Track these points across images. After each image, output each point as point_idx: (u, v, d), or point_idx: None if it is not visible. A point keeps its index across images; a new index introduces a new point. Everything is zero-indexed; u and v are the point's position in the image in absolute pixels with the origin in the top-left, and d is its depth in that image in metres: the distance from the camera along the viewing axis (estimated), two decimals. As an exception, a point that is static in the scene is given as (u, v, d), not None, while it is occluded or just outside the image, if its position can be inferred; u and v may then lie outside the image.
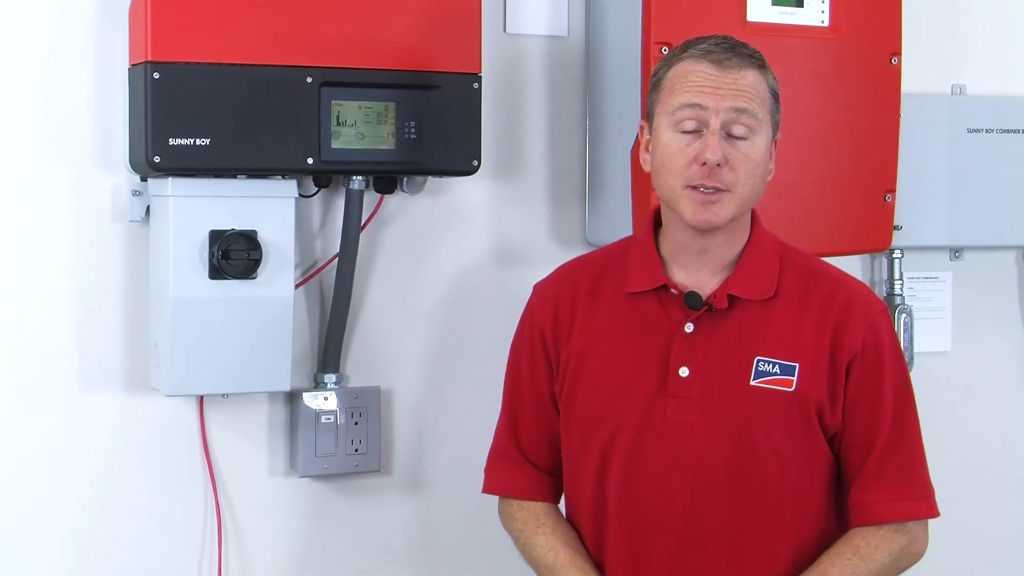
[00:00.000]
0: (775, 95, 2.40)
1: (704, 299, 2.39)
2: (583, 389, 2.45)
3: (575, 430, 2.47)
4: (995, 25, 3.52)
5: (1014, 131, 3.44)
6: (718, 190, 2.33)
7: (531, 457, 2.55)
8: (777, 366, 2.36)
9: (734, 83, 2.34)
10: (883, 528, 2.38)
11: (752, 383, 2.36)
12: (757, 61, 2.38)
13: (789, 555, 2.39)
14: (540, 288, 2.57)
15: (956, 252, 3.52)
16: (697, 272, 2.41)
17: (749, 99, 2.34)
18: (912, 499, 2.40)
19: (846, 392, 2.38)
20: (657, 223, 2.48)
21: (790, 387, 2.36)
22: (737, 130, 2.33)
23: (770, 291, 2.40)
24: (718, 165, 2.31)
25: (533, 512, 2.53)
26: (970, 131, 3.41)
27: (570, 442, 2.49)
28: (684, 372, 2.37)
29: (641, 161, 2.46)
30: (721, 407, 2.36)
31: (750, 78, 2.36)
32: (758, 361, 2.37)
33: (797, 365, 2.36)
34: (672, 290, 2.41)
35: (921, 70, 3.31)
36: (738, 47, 2.38)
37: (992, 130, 3.43)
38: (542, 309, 2.53)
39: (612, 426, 2.41)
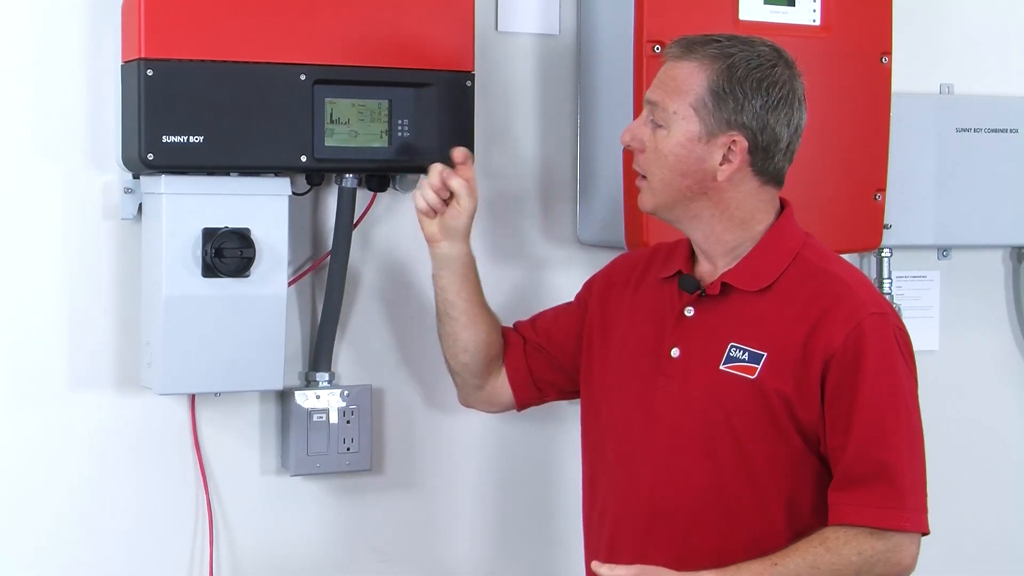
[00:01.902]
0: (715, 94, 2.40)
1: (699, 285, 2.46)
2: (601, 361, 2.56)
3: (586, 400, 2.58)
4: (983, 24, 3.53)
5: (1002, 131, 3.45)
6: (640, 176, 2.48)
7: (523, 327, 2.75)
8: (747, 353, 2.40)
9: (663, 75, 2.46)
10: (854, 528, 2.34)
11: (721, 367, 2.41)
12: (705, 55, 2.42)
13: (753, 545, 2.38)
14: (622, 256, 2.75)
15: (944, 251, 3.53)
16: (703, 262, 2.49)
17: (663, 93, 2.44)
18: (888, 508, 2.34)
19: (824, 392, 2.37)
20: None
21: (752, 375, 2.39)
22: (655, 120, 2.44)
23: (764, 283, 2.43)
24: (634, 148, 2.47)
25: None
26: (959, 131, 3.42)
27: (583, 412, 2.60)
28: (675, 353, 2.45)
29: None
30: (693, 389, 2.43)
31: (678, 71, 2.43)
32: (731, 347, 2.42)
33: (765, 355, 2.38)
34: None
35: (909, 69, 3.31)
36: (695, 42, 2.45)
37: (980, 129, 3.43)
38: (605, 273, 2.72)
39: (613, 399, 2.51)
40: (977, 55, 3.52)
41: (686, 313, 2.46)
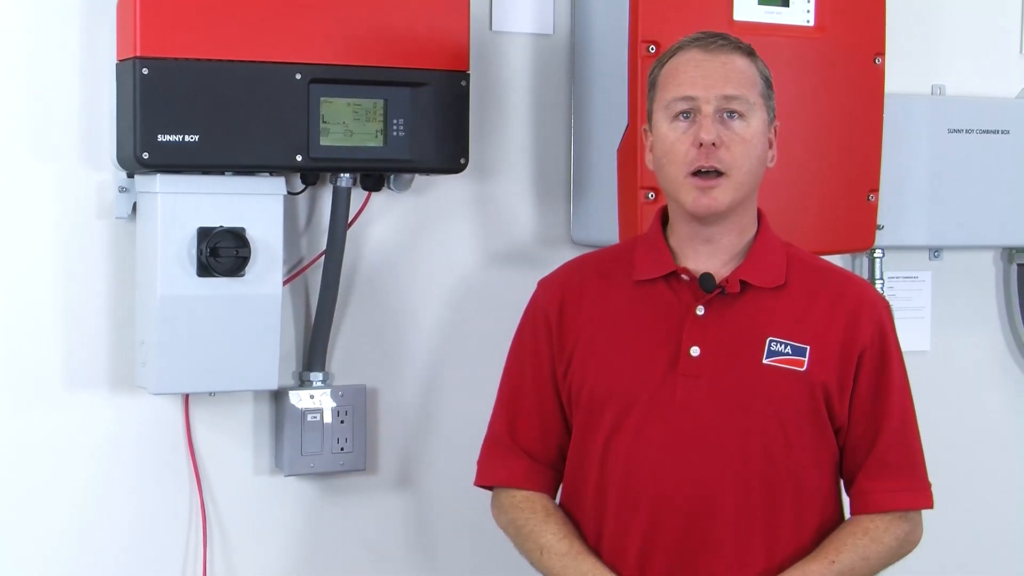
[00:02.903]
0: (767, 81, 2.47)
1: (717, 283, 2.43)
2: (593, 372, 2.48)
3: (583, 412, 2.50)
4: (974, 25, 3.54)
5: (993, 132, 3.46)
6: (716, 173, 2.39)
7: (528, 447, 2.56)
8: (789, 347, 2.42)
9: (722, 67, 2.42)
10: (889, 514, 2.45)
11: (765, 361, 2.41)
12: (744, 49, 2.46)
13: (791, 537, 2.42)
14: (545, 281, 2.61)
15: (935, 252, 3.53)
16: (706, 261, 2.46)
17: (738, 84, 2.41)
18: (914, 490, 2.48)
19: (856, 384, 2.44)
20: (665, 219, 2.53)
21: (801, 367, 2.41)
22: (730, 114, 2.40)
23: (780, 279, 2.46)
24: (713, 145, 2.38)
25: (541, 502, 2.54)
26: (951, 131, 3.42)
27: (578, 425, 2.52)
28: (695, 352, 2.42)
29: (645, 162, 2.52)
30: (731, 385, 2.41)
31: (739, 63, 2.43)
32: (770, 341, 2.42)
33: (808, 347, 2.42)
34: (683, 276, 2.46)
35: (901, 70, 3.32)
36: (725, 35, 2.47)
37: (972, 130, 3.44)
38: (547, 298, 2.56)
39: (621, 406, 2.44)
40: (969, 56, 3.53)
41: (697, 312, 2.44)
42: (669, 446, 2.41)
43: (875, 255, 3.41)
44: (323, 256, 2.87)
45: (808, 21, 3.05)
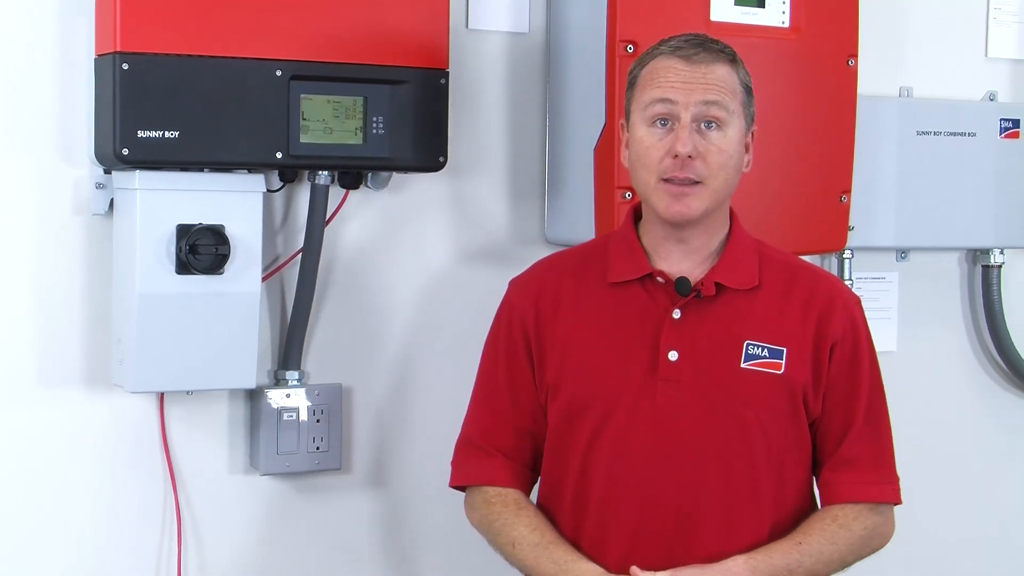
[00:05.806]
0: (747, 88, 2.48)
1: (692, 285, 2.44)
2: (571, 375, 2.49)
3: (561, 416, 2.50)
4: (941, 29, 3.56)
5: (960, 134, 3.48)
6: (692, 182, 2.40)
7: (502, 446, 2.56)
8: (766, 350, 2.44)
9: (703, 77, 2.42)
10: (858, 505, 2.48)
11: (743, 365, 2.43)
12: (727, 55, 2.46)
13: (769, 529, 2.45)
14: (518, 282, 2.61)
15: (902, 253, 3.56)
16: (680, 262, 2.48)
17: (719, 92, 2.42)
18: (882, 483, 2.51)
19: (828, 377, 2.47)
20: (638, 217, 2.54)
21: (779, 370, 2.44)
22: (709, 123, 2.41)
23: (754, 281, 2.48)
24: (689, 157, 2.39)
25: (513, 497, 2.54)
26: (919, 133, 3.45)
27: (555, 428, 2.52)
28: (673, 356, 2.43)
29: (621, 158, 2.52)
30: (711, 389, 2.42)
31: (720, 72, 2.43)
32: (747, 345, 2.44)
33: (785, 349, 2.44)
34: (658, 278, 2.46)
35: (870, 71, 3.33)
36: (708, 43, 2.46)
37: (940, 133, 3.46)
38: (522, 301, 2.56)
39: (602, 410, 2.45)
40: (936, 58, 3.56)
41: (674, 316, 2.44)
42: (653, 452, 2.42)
43: (844, 256, 3.42)
44: (300, 254, 2.86)
45: (783, 22, 3.06)
